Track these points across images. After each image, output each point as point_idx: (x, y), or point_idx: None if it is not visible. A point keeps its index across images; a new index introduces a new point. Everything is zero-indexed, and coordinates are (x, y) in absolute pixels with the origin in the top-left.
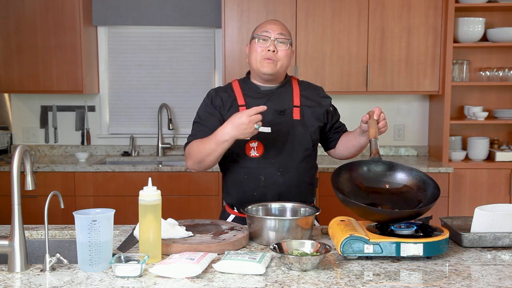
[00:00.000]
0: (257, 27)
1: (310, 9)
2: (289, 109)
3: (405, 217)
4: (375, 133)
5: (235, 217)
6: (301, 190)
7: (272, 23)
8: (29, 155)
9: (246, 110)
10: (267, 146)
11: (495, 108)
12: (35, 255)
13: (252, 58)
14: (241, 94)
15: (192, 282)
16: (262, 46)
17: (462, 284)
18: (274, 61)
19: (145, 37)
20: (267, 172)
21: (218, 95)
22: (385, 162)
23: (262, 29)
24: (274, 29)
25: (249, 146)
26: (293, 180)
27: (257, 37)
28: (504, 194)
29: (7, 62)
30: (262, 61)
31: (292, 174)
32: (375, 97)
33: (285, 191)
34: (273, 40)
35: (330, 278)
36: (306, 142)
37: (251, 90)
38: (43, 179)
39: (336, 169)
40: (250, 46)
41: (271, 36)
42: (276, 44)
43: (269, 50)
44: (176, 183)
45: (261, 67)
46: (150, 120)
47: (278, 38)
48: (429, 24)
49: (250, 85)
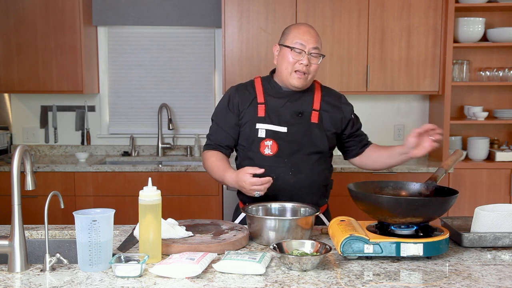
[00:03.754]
0: (290, 32)
1: (310, 9)
2: (307, 111)
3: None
4: (448, 166)
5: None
6: (313, 191)
7: (307, 34)
8: (29, 155)
9: (253, 179)
10: (281, 145)
11: (495, 108)
12: (35, 255)
13: (283, 67)
14: (261, 92)
15: (192, 282)
16: (295, 58)
17: (462, 284)
18: (305, 75)
19: (145, 37)
20: (279, 171)
21: (237, 93)
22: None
23: (297, 40)
24: (309, 41)
25: (263, 144)
26: (305, 181)
27: (292, 48)
28: (504, 194)
29: (7, 62)
30: (293, 74)
31: (304, 175)
32: (375, 97)
33: (296, 191)
34: (307, 53)
35: (330, 278)
36: (322, 145)
37: (272, 89)
38: (43, 179)
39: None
40: (281, 51)
41: (305, 49)
42: (310, 57)
43: (302, 64)
44: (176, 183)
45: (292, 79)
46: (150, 120)
47: (312, 52)
48: (429, 24)
49: (273, 85)
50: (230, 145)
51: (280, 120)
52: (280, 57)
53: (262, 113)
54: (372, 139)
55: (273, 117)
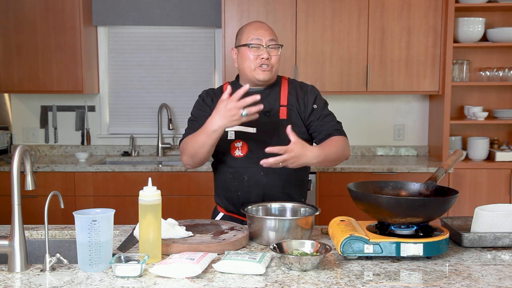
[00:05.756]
0: (243, 32)
1: (310, 9)
2: (275, 109)
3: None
4: (448, 166)
5: (223, 215)
6: (287, 191)
7: (260, 28)
8: (29, 155)
9: (232, 96)
10: (251, 146)
11: (495, 108)
12: (35, 255)
13: (245, 66)
14: (229, 96)
15: (192, 282)
16: (254, 54)
17: (462, 284)
18: (269, 67)
19: (145, 37)
20: (251, 172)
21: (209, 96)
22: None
23: (252, 36)
24: (264, 35)
25: (234, 146)
26: (277, 181)
27: (249, 45)
28: (504, 194)
29: (7, 62)
30: (257, 69)
31: (277, 175)
32: (375, 97)
33: (269, 191)
34: (265, 47)
35: (330, 278)
36: None
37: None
38: (43, 179)
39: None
40: (240, 53)
41: (262, 43)
42: (269, 50)
43: (263, 58)
44: (176, 183)
45: (257, 75)
46: (150, 120)
47: (270, 44)
48: (429, 24)
49: (238, 87)
50: None
51: (249, 121)
52: (240, 58)
53: None
54: (372, 139)
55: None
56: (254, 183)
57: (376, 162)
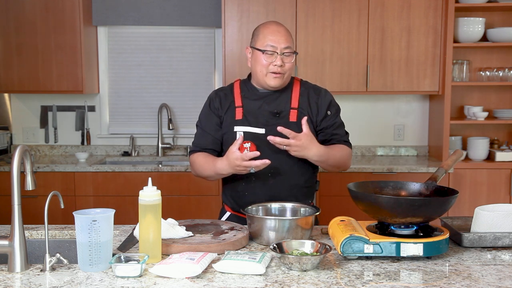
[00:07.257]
0: (259, 34)
1: (310, 9)
2: (285, 111)
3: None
4: (448, 166)
5: (230, 215)
6: (294, 193)
7: (277, 33)
8: (29, 155)
9: (243, 154)
10: (260, 147)
11: (495, 108)
12: (35, 255)
13: (257, 70)
14: (239, 95)
15: (192, 282)
16: (268, 60)
17: (462, 284)
18: (281, 75)
19: (145, 37)
20: (258, 172)
21: (217, 97)
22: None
23: (268, 42)
24: (280, 42)
25: (242, 147)
26: (284, 182)
27: (263, 51)
28: (504, 194)
29: (7, 62)
30: (269, 75)
31: (284, 176)
32: (375, 97)
33: (276, 192)
34: (279, 54)
35: (330, 278)
36: None
37: (249, 92)
38: (43, 179)
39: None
40: (254, 54)
41: (277, 50)
42: (283, 57)
43: (276, 65)
44: (176, 183)
45: (268, 81)
46: (150, 120)
47: (285, 52)
48: (429, 24)
49: (249, 87)
50: (215, 148)
51: (258, 122)
52: (253, 60)
53: (239, 115)
54: (372, 139)
55: (250, 119)
56: (261, 184)
57: (376, 162)
